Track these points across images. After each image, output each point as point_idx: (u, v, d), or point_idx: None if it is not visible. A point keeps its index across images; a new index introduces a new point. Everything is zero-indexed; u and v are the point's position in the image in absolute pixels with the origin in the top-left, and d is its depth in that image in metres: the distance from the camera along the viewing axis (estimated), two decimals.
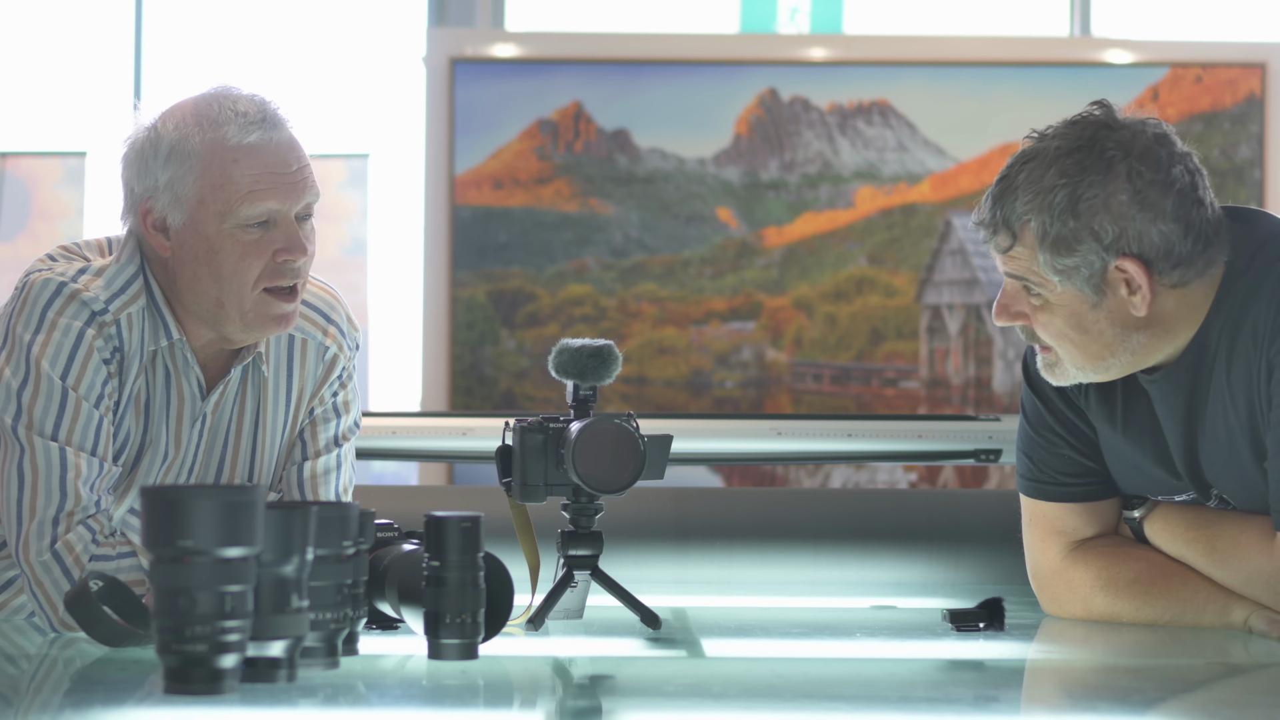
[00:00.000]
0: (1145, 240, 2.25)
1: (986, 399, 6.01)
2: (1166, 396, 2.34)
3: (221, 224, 2.30)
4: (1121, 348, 2.30)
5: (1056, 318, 2.30)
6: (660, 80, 6.04)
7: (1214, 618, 2.32)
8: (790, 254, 6.05)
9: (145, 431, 2.37)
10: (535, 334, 6.00)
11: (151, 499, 1.66)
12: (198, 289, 2.33)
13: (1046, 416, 2.45)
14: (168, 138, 2.31)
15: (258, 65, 6.61)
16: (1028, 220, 2.27)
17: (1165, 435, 2.36)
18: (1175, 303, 2.29)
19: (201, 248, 2.31)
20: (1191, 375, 2.32)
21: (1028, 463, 2.48)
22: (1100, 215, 2.24)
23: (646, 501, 2.88)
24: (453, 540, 1.92)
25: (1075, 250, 2.25)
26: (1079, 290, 2.27)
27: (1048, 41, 6.29)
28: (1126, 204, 2.24)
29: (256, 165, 2.30)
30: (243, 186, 2.29)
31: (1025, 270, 2.29)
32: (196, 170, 2.30)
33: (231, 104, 2.32)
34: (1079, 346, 2.30)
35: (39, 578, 2.25)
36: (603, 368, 2.27)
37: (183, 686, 1.66)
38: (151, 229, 2.33)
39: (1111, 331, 2.29)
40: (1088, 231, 2.24)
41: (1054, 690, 2.06)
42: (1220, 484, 2.34)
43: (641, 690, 1.97)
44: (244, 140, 2.29)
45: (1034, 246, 2.27)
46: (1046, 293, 2.29)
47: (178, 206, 2.31)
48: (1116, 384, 2.39)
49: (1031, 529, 2.48)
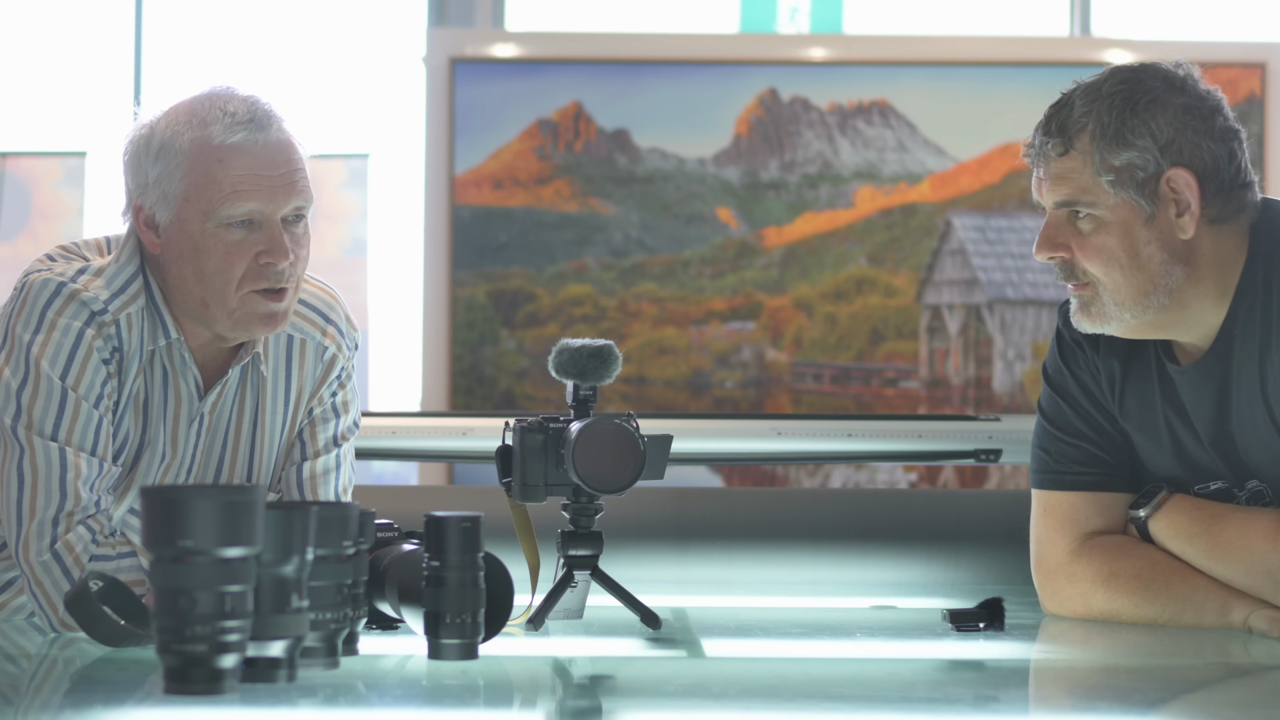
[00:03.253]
0: (1196, 153, 2.31)
1: (986, 399, 6.01)
2: (1196, 387, 2.36)
3: (205, 223, 2.30)
4: (1163, 282, 2.31)
5: (1110, 238, 2.31)
6: (660, 80, 6.04)
7: (1214, 617, 2.32)
8: (790, 254, 6.05)
9: (144, 431, 2.37)
10: (535, 334, 6.00)
11: (151, 499, 1.66)
12: (184, 287, 2.33)
13: (1068, 412, 2.46)
14: (159, 135, 2.32)
15: (258, 65, 6.61)
16: (1084, 124, 2.32)
17: (1195, 426, 2.37)
18: (1211, 244, 2.33)
19: (187, 246, 2.31)
20: (1221, 365, 2.34)
21: (1044, 457, 2.48)
22: (1158, 116, 2.30)
23: (646, 501, 2.89)
24: (453, 540, 1.92)
25: (1132, 144, 2.29)
26: (1132, 200, 2.30)
27: (1048, 41, 6.29)
28: (1180, 113, 2.31)
29: (241, 166, 2.30)
30: (226, 186, 2.29)
31: (1076, 186, 2.32)
32: (183, 168, 2.30)
33: (223, 104, 2.32)
34: (1126, 274, 2.32)
35: (39, 578, 2.25)
36: (603, 368, 2.27)
37: (183, 686, 1.66)
38: (143, 225, 2.34)
39: (1159, 257, 2.31)
40: (1145, 128, 2.30)
41: (1054, 690, 2.06)
42: (1262, 472, 2.36)
43: (641, 690, 1.97)
44: (228, 140, 2.29)
45: (1089, 151, 2.31)
46: (1098, 208, 2.31)
47: (165, 203, 2.31)
48: (1151, 376, 2.40)
49: (1042, 520, 2.48)
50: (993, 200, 6.02)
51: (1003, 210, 6.02)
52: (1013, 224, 6.01)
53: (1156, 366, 2.42)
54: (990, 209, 6.02)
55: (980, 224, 6.02)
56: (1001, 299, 6.01)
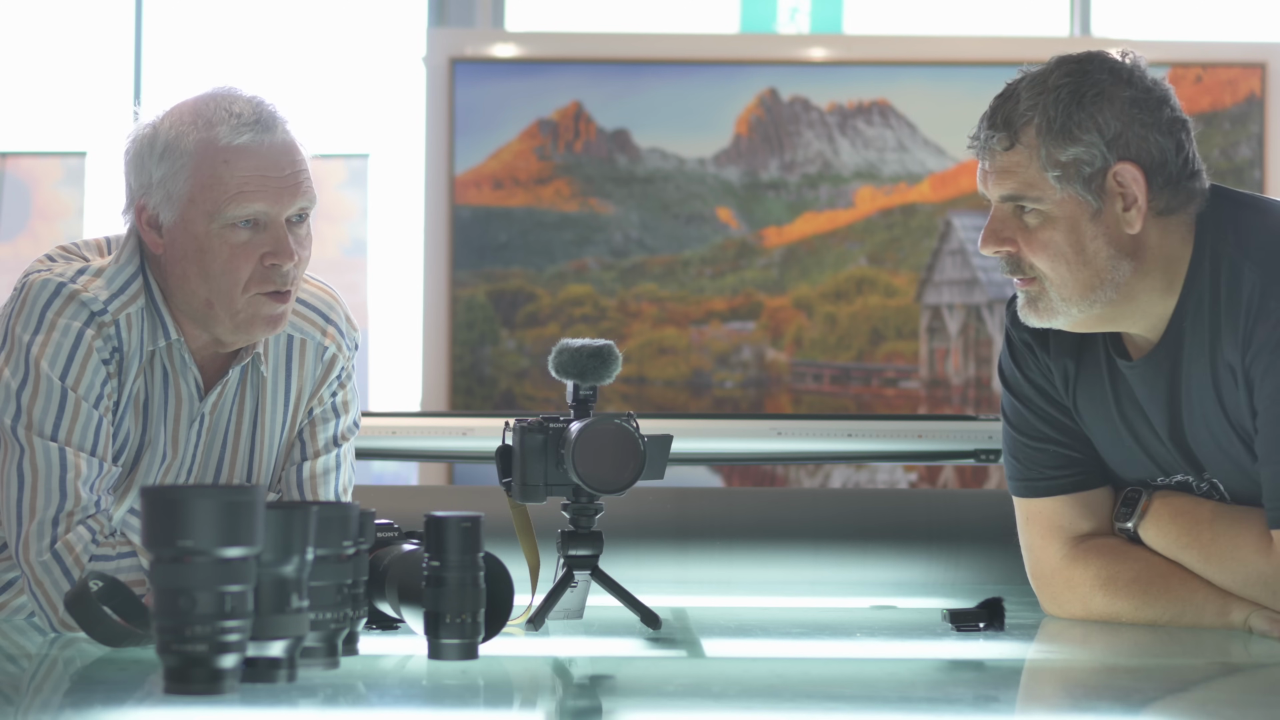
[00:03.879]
0: (1143, 147, 2.28)
1: (986, 399, 6.01)
2: (1148, 381, 2.35)
3: (210, 224, 2.30)
4: (1110, 277, 2.29)
5: (1056, 233, 2.29)
6: (660, 80, 6.04)
7: (1213, 617, 2.32)
8: (790, 254, 6.05)
9: (144, 432, 2.37)
10: (535, 334, 6.00)
11: (151, 499, 1.66)
12: (187, 288, 2.33)
13: (1028, 415, 2.46)
14: (164, 135, 2.32)
15: (258, 65, 6.61)
16: (1030, 118, 2.29)
17: (1151, 420, 2.36)
18: (1158, 236, 2.30)
19: (191, 246, 2.31)
20: (1171, 357, 2.32)
21: (1015, 464, 2.48)
22: (1105, 110, 2.27)
23: (646, 501, 2.89)
24: (453, 540, 1.92)
25: (1078, 140, 2.27)
26: (1078, 195, 2.28)
27: (1048, 41, 6.28)
28: (1128, 106, 2.28)
29: (246, 167, 2.30)
30: (231, 187, 2.29)
31: (1021, 181, 2.30)
32: (188, 169, 2.30)
33: (228, 104, 2.32)
34: (1072, 269, 2.29)
35: (39, 578, 2.25)
36: (603, 368, 2.27)
37: (183, 686, 1.66)
38: (146, 225, 2.34)
39: (1105, 252, 2.29)
40: (1091, 122, 2.27)
41: (1054, 690, 2.06)
42: (1211, 467, 2.35)
43: (641, 690, 1.97)
44: (234, 141, 2.29)
45: (1034, 145, 2.28)
46: (1044, 203, 2.29)
47: (169, 204, 2.31)
48: (1102, 372, 2.39)
49: (1028, 529, 2.48)
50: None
51: None
52: None
53: (1107, 363, 2.40)
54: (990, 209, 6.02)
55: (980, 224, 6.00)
56: (1001, 299, 6.00)
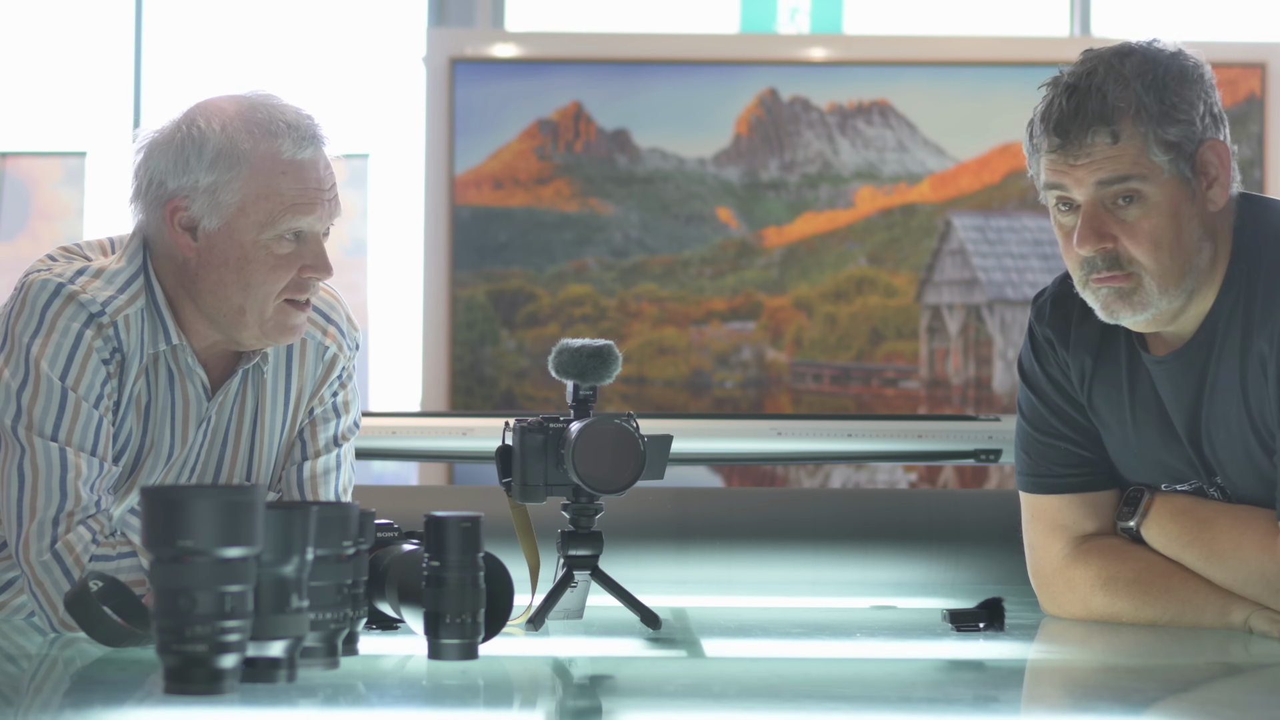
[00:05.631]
0: (1220, 122, 2.30)
1: (986, 399, 6.01)
2: (1175, 378, 2.35)
3: (260, 234, 2.31)
4: (1195, 261, 2.29)
5: (1161, 218, 2.27)
6: (660, 80, 6.04)
7: (1214, 617, 2.32)
8: (790, 254, 6.05)
9: (145, 433, 2.37)
10: (535, 334, 6.00)
11: (151, 499, 1.66)
12: (221, 294, 2.33)
13: (1042, 410, 2.46)
14: (214, 139, 2.31)
15: (258, 65, 6.61)
16: (1126, 107, 2.26)
17: (1172, 419, 2.36)
18: (1223, 221, 2.32)
19: (234, 254, 2.31)
20: (1202, 356, 2.32)
21: (1026, 459, 2.48)
22: (1192, 88, 2.28)
23: (646, 501, 2.89)
24: (453, 540, 1.92)
25: (1177, 119, 2.26)
26: (1180, 175, 2.27)
27: (1048, 41, 6.28)
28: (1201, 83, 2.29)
29: (302, 181, 2.32)
30: (287, 199, 2.31)
31: (1128, 165, 2.26)
32: (243, 177, 2.30)
33: (280, 114, 2.32)
34: (1172, 256, 2.27)
35: (39, 578, 2.25)
36: (603, 368, 2.27)
37: (183, 686, 1.66)
38: (178, 227, 2.33)
39: (1196, 235, 2.28)
40: (1184, 101, 2.26)
41: (1054, 690, 2.06)
42: (1223, 468, 2.35)
43: (641, 690, 1.97)
44: (297, 155, 2.32)
45: (1139, 133, 2.26)
46: (1151, 185, 2.27)
47: (216, 211, 2.31)
48: (1121, 370, 2.39)
49: (1033, 526, 2.48)
50: (993, 200, 6.02)
51: (1003, 210, 6.01)
52: (1013, 224, 6.01)
53: (1128, 361, 2.40)
54: (990, 209, 6.02)
55: (980, 224, 6.02)
56: (1001, 299, 6.00)
